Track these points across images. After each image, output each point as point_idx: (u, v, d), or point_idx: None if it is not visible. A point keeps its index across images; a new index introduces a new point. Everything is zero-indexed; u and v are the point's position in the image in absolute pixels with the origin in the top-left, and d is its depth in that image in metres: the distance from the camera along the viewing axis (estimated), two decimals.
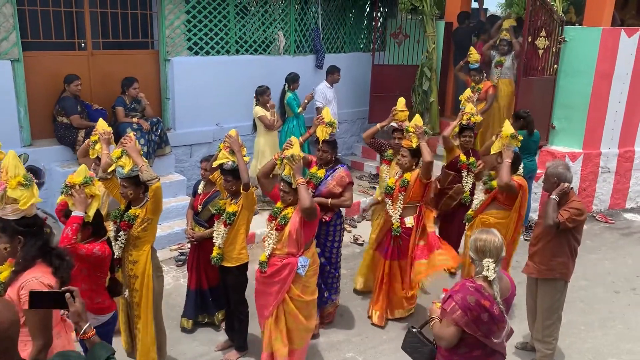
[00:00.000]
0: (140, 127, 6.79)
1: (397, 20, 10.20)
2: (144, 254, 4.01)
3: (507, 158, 4.86)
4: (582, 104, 8.15)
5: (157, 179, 3.88)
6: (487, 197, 5.23)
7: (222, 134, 5.61)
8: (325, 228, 4.94)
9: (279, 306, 4.14)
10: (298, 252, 4.07)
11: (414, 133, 5.00)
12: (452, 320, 3.00)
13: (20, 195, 2.90)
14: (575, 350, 5.09)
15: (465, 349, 3.08)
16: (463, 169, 5.85)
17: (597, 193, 8.56)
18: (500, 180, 4.82)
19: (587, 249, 7.14)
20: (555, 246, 4.53)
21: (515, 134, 4.97)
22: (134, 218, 3.94)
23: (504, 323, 3.03)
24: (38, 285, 2.75)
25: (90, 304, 3.44)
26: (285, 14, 8.87)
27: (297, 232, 4.00)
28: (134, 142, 3.94)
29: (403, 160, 5.12)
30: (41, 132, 6.74)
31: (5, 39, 6.16)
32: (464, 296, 2.98)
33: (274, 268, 4.08)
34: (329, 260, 5.06)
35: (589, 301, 5.95)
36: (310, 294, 4.22)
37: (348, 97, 9.74)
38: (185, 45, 7.71)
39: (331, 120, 4.79)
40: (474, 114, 5.91)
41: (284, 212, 4.10)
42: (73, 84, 6.54)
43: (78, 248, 3.22)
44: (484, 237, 3.07)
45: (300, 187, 3.94)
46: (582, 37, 7.98)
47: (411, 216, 5.14)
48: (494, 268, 2.99)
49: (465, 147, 5.91)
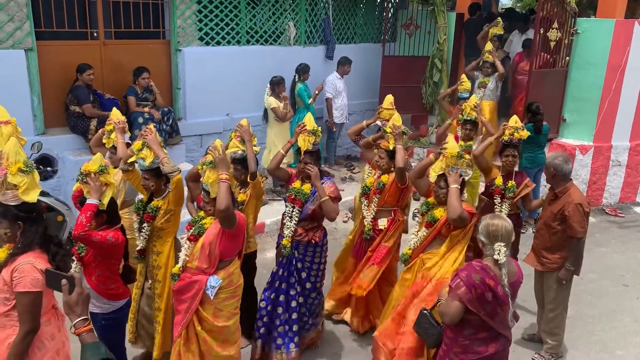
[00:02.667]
0: (152, 117, 6.84)
1: (408, 11, 10.16)
2: (167, 244, 4.05)
3: (454, 183, 4.00)
4: (594, 97, 8.10)
5: (179, 171, 3.89)
6: (429, 232, 4.20)
7: (232, 124, 5.63)
8: (312, 250, 4.42)
9: (189, 326, 3.65)
10: (210, 269, 3.56)
11: (391, 134, 4.67)
12: (456, 296, 3.07)
13: (20, 181, 2.93)
14: (582, 342, 5.10)
15: (471, 330, 3.14)
16: (496, 194, 4.90)
17: (607, 186, 8.51)
18: (452, 212, 3.89)
19: (596, 242, 7.13)
20: (556, 239, 4.55)
21: (462, 152, 4.11)
22: (156, 210, 3.97)
23: (508, 306, 3.09)
24: (31, 269, 2.80)
25: (104, 289, 3.52)
26: (295, 4, 8.85)
27: (212, 245, 3.52)
28: (154, 134, 3.95)
29: (380, 162, 4.78)
30: (54, 120, 6.80)
31: (19, 28, 6.21)
32: (469, 273, 3.07)
33: (182, 283, 3.63)
34: (314, 286, 4.55)
35: (597, 294, 5.95)
36: (225, 318, 3.68)
37: (358, 88, 9.74)
38: (197, 36, 7.74)
39: (314, 128, 4.32)
40: (519, 128, 4.98)
41: (203, 221, 3.67)
42: (85, 73, 6.58)
43: (92, 235, 3.27)
44: (495, 222, 3.18)
45: (221, 184, 3.42)
46: (595, 28, 7.92)
47: (385, 218, 4.80)
48: (504, 252, 3.08)
49: (508, 168, 4.98)
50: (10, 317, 2.87)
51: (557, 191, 4.53)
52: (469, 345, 3.17)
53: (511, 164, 4.95)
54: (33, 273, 2.80)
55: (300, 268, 4.42)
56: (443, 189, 4.10)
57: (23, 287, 2.78)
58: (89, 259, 3.48)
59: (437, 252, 4.15)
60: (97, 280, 3.50)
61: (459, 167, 4.06)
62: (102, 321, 3.59)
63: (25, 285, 2.78)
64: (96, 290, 3.49)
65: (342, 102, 8.79)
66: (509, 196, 4.85)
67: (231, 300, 3.68)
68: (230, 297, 3.67)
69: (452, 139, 4.23)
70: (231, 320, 3.72)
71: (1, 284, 2.85)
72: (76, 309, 2.18)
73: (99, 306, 3.57)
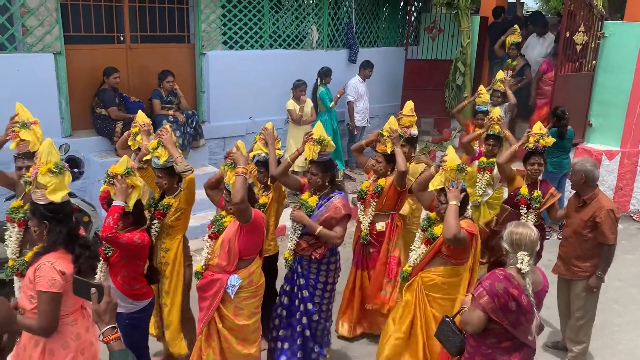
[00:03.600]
0: (176, 120, 6.93)
1: (431, 14, 10.13)
2: (176, 242, 4.12)
3: (453, 199, 3.72)
4: (621, 101, 7.96)
5: (191, 171, 3.98)
6: (428, 250, 3.98)
7: (255, 128, 5.67)
8: (316, 266, 4.16)
9: (211, 323, 3.69)
10: (230, 267, 3.57)
11: (388, 137, 4.55)
12: (478, 305, 3.02)
13: (49, 181, 2.99)
14: (608, 351, 5.01)
15: (494, 339, 3.10)
16: (522, 204, 4.74)
17: (634, 192, 8.34)
18: (447, 232, 3.64)
19: (623, 249, 6.99)
20: (587, 247, 4.47)
21: (463, 165, 3.83)
22: (167, 207, 4.04)
23: (532, 315, 3.04)
24: (50, 269, 2.85)
25: (128, 290, 3.57)
26: (318, 8, 8.89)
27: (231, 242, 3.53)
28: (170, 134, 4.05)
29: (378, 166, 4.68)
30: (81, 123, 6.93)
31: (49, 32, 6.35)
32: (492, 282, 3.02)
33: (204, 281, 3.67)
34: (319, 308, 4.22)
35: (623, 302, 5.85)
36: (245, 317, 3.68)
37: (380, 92, 9.73)
38: (221, 40, 7.82)
39: (321, 137, 4.07)
40: (544, 135, 4.83)
41: (223, 219, 3.70)
42: (112, 76, 6.70)
43: (119, 237, 3.32)
44: (520, 230, 3.09)
45: (237, 177, 3.43)
46: (623, 32, 7.79)
47: (383, 222, 4.69)
48: (527, 261, 3.02)
49: (533, 177, 4.82)
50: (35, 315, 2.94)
51: (585, 198, 4.46)
52: (491, 354, 3.12)
53: (537, 172, 4.78)
54: (51, 274, 2.85)
55: (303, 285, 4.19)
56: (444, 204, 3.80)
57: (41, 286, 2.84)
58: (115, 259, 3.54)
59: (438, 271, 3.93)
60: (122, 281, 3.55)
61: (460, 181, 3.79)
62: (125, 321, 3.63)
63: (43, 285, 2.84)
64: (121, 290, 3.55)
65: (363, 105, 8.79)
66: (536, 207, 4.69)
67: (252, 299, 3.69)
68: (251, 297, 3.68)
69: (452, 151, 3.92)
70: (252, 319, 3.73)
71: (27, 282, 2.94)
72: (105, 317, 2.21)
73: (123, 306, 3.60)
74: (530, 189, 4.77)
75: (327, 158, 4.12)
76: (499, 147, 5.46)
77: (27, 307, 2.93)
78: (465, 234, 3.69)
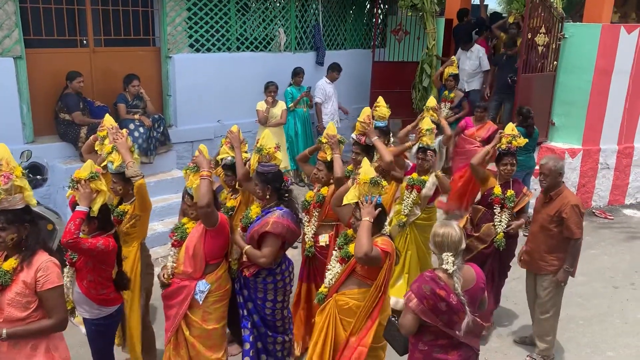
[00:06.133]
0: (142, 124, 6.83)
1: (397, 17, 10.23)
2: (133, 250, 4.04)
3: (366, 215, 3.35)
4: (582, 101, 8.18)
5: (141, 176, 3.88)
6: (343, 269, 3.62)
7: (223, 131, 5.64)
8: (253, 283, 3.89)
9: (178, 332, 3.67)
10: (197, 273, 3.56)
11: (327, 144, 4.39)
12: (408, 309, 3.06)
13: (26, 183, 2.99)
14: (573, 344, 5.13)
15: (430, 336, 3.13)
16: (496, 204, 4.80)
17: (596, 189, 8.59)
18: (357, 250, 3.28)
19: (586, 244, 7.14)
20: (554, 242, 4.58)
21: (377, 179, 3.46)
22: (123, 214, 3.98)
23: (464, 314, 3.04)
24: (53, 265, 2.91)
25: (95, 295, 3.52)
26: (285, 11, 8.89)
27: (197, 247, 3.51)
28: (125, 139, 4.00)
29: (319, 174, 4.50)
30: (43, 129, 6.77)
31: (8, 36, 6.19)
32: (420, 285, 3.04)
33: (171, 288, 3.65)
34: (264, 322, 3.96)
35: (587, 296, 5.99)
36: (214, 321, 3.67)
37: (348, 94, 9.77)
38: (187, 42, 7.75)
39: (260, 145, 3.96)
40: (516, 136, 4.86)
41: (185, 226, 3.67)
42: (75, 80, 6.56)
43: (80, 242, 3.26)
44: (441, 231, 3.06)
45: (202, 181, 3.45)
46: (582, 33, 8.00)
47: (327, 234, 4.47)
48: (452, 261, 3.02)
49: (506, 177, 4.87)
50: (27, 321, 2.89)
51: (551, 193, 4.57)
52: (428, 351, 3.15)
53: (509, 172, 4.84)
54: (56, 268, 2.92)
55: (246, 296, 3.96)
56: (359, 221, 3.41)
57: (52, 283, 2.88)
58: (80, 265, 3.49)
59: (352, 293, 3.55)
60: (88, 286, 3.50)
61: (375, 195, 3.42)
62: (92, 327, 3.60)
63: (54, 281, 2.89)
64: (87, 296, 3.50)
65: (332, 107, 8.82)
66: (510, 206, 4.77)
67: (220, 303, 3.73)
68: (219, 301, 3.72)
69: (367, 163, 3.58)
70: (221, 323, 3.76)
71: (22, 288, 2.86)
72: None
73: (89, 311, 3.57)
74: (504, 189, 4.84)
75: (268, 170, 3.86)
76: (431, 161, 5.03)
77: (20, 316, 2.86)
78: (379, 252, 3.33)
